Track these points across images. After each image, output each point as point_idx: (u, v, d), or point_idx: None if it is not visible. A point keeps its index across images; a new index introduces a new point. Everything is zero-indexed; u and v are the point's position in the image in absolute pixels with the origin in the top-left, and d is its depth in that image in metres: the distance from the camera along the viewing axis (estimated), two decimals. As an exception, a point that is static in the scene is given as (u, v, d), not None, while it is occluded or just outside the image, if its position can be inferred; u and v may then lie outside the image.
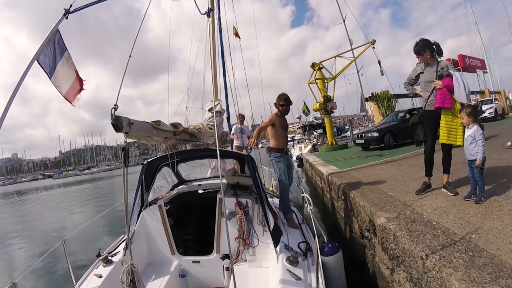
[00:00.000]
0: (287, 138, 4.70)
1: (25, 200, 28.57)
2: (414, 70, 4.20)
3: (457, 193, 3.81)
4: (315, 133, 25.57)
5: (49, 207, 19.56)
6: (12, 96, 2.65)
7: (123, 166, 2.30)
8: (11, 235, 11.26)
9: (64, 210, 16.90)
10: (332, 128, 15.70)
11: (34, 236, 10.76)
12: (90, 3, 3.49)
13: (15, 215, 17.77)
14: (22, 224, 13.75)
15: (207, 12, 7.06)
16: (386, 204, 3.87)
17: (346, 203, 4.99)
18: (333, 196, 6.40)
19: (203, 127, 4.49)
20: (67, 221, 13.17)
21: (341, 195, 5.38)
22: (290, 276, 2.75)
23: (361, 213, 4.11)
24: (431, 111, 3.95)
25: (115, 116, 2.29)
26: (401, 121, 11.79)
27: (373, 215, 3.65)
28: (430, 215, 3.29)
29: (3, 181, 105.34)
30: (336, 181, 6.02)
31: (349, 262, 3.98)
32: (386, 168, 6.60)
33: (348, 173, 6.79)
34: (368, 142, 11.40)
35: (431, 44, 3.98)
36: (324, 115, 15.45)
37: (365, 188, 4.90)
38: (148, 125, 2.98)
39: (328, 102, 14.83)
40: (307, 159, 13.13)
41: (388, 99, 19.35)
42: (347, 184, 5.37)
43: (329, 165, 8.89)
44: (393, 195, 4.25)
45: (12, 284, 2.63)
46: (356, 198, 4.42)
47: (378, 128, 11.50)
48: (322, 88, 15.11)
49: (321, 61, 15.52)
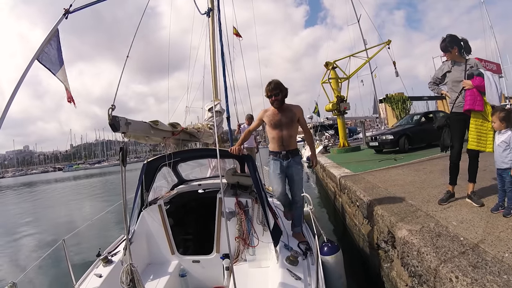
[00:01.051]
0: (290, 137, 3.63)
1: (34, 192, 29.04)
2: (441, 69, 3.86)
3: (483, 204, 3.50)
4: (326, 133, 25.16)
5: (58, 200, 19.69)
6: (12, 95, 2.60)
7: (121, 166, 2.28)
8: (17, 229, 11.21)
9: (74, 204, 17.02)
10: (344, 129, 15.27)
11: (40, 230, 10.70)
12: (90, 3, 3.49)
13: (23, 208, 17.95)
14: (28, 217, 13.77)
15: (207, 12, 7.12)
16: (407, 214, 3.56)
17: (361, 210, 4.69)
18: (346, 201, 6.09)
19: (202, 127, 4.43)
20: (75, 215, 13.18)
21: (356, 201, 5.07)
22: (290, 276, 2.74)
23: (379, 223, 3.80)
24: (459, 114, 3.62)
25: (112, 116, 2.28)
26: (417, 124, 11.41)
27: (393, 226, 3.35)
28: (456, 229, 2.98)
29: (14, 172, 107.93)
30: (350, 185, 5.71)
31: (349, 262, 3.99)
32: (402, 173, 6.26)
33: (362, 177, 6.46)
34: (382, 145, 11.02)
35: (459, 40, 3.65)
36: (336, 115, 15.04)
37: (382, 194, 4.58)
38: (146, 125, 3.00)
39: (341, 103, 14.42)
40: (318, 160, 12.76)
41: (403, 101, 18.85)
42: (362, 190, 5.05)
43: (341, 167, 8.57)
44: (414, 204, 3.93)
45: (12, 284, 2.59)
46: (374, 206, 4.10)
47: (393, 131, 11.12)
48: (336, 88, 14.71)
49: (335, 60, 15.13)
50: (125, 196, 2.30)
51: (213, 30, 7.25)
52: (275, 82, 3.55)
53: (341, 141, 15.08)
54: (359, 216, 4.83)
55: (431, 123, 11.31)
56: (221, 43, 7.13)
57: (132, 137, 2.92)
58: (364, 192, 4.83)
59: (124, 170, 2.28)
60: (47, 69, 2.95)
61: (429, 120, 11.62)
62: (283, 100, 3.56)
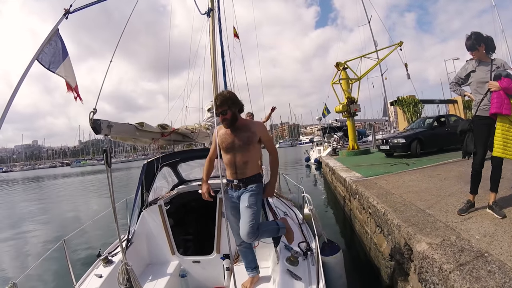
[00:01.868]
0: (245, 164, 2.83)
1: (39, 187, 29.36)
2: (464, 68, 3.60)
3: (505, 216, 3.26)
4: (335, 136, 24.83)
5: (62, 196, 19.77)
6: (13, 95, 2.60)
7: (106, 167, 2.33)
8: (19, 226, 11.19)
9: (78, 200, 17.05)
10: (354, 131, 14.99)
11: (43, 228, 10.69)
12: (90, 3, 3.49)
13: (30, 202, 17.98)
14: (31, 214, 13.73)
15: (207, 12, 7.04)
16: (426, 225, 3.30)
17: (374, 218, 4.45)
18: (356, 206, 5.85)
19: (197, 128, 4.38)
20: (78, 212, 13.15)
21: (368, 208, 4.83)
22: (290, 276, 2.74)
23: (394, 233, 3.56)
24: (484, 118, 3.36)
25: (94, 119, 2.32)
26: (429, 128, 11.08)
27: (411, 238, 3.10)
28: (480, 243, 2.74)
29: (22, 166, 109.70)
30: (362, 191, 5.46)
31: (349, 262, 4.00)
32: (416, 179, 5.99)
33: (374, 182, 6.19)
34: (394, 148, 10.71)
35: (484, 38, 3.40)
36: (346, 117, 14.77)
37: (397, 202, 4.32)
38: (131, 127, 3.02)
39: (351, 104, 14.15)
40: (327, 163, 12.52)
41: (414, 104, 18.44)
42: (375, 196, 4.78)
43: (351, 171, 8.31)
44: (432, 213, 3.67)
45: (12, 284, 2.58)
46: (389, 215, 3.85)
47: (405, 134, 10.80)
48: (346, 89, 14.43)
49: (346, 61, 14.85)
50: (113, 197, 2.33)
51: (213, 30, 7.17)
52: (222, 97, 2.75)
53: (351, 144, 14.80)
54: (371, 224, 4.59)
55: (443, 127, 11.06)
56: (221, 43, 7.27)
57: (118, 139, 3.00)
58: (378, 199, 4.57)
59: (110, 170, 2.32)
60: (46, 68, 2.95)
61: (442, 124, 11.31)
62: (234, 118, 2.78)
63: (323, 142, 23.38)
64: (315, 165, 21.48)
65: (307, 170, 21.17)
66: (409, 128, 12.47)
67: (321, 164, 18.73)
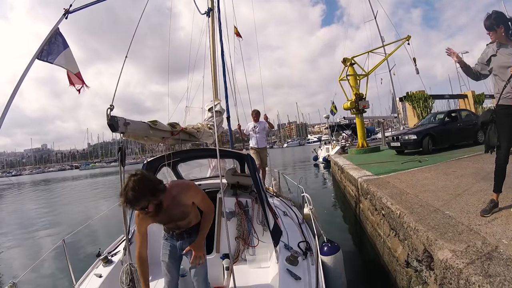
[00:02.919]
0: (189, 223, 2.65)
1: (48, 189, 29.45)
2: (485, 53, 3.22)
3: (534, 217, 2.93)
4: (343, 133, 24.43)
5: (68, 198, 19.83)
6: (13, 95, 2.66)
7: (120, 166, 2.32)
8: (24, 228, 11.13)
9: (86, 202, 16.93)
10: (363, 128, 14.59)
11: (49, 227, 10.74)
12: (90, 3, 3.56)
13: (36, 204, 17.96)
14: (39, 214, 13.78)
15: (207, 12, 7.15)
16: (447, 229, 2.98)
17: (388, 220, 4.14)
18: (368, 207, 5.53)
19: (202, 127, 4.37)
20: (84, 213, 12.99)
21: (381, 209, 4.51)
22: (290, 276, 2.72)
23: (412, 237, 3.24)
24: (507, 107, 3.03)
25: (111, 116, 2.30)
26: (441, 124, 10.69)
27: (432, 244, 2.79)
28: (509, 249, 2.42)
29: (31, 170, 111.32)
30: (374, 190, 5.14)
31: (349, 262, 3.96)
32: (431, 177, 5.65)
33: (386, 180, 5.87)
34: (405, 145, 10.33)
35: (506, 19, 3.06)
36: (355, 114, 14.39)
37: (414, 203, 3.99)
38: (145, 125, 2.97)
39: (360, 101, 13.75)
40: (336, 161, 12.17)
41: (424, 99, 17.98)
42: (389, 196, 4.46)
43: (362, 169, 7.97)
44: (452, 215, 3.35)
45: (12, 284, 2.59)
46: (405, 217, 3.52)
47: (416, 131, 10.42)
48: (354, 85, 14.05)
49: (353, 57, 14.47)
50: None
51: (213, 30, 7.27)
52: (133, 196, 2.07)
53: (360, 141, 14.42)
54: (385, 227, 4.28)
55: (455, 123, 10.69)
56: (221, 43, 7.23)
57: (131, 137, 2.90)
58: (392, 200, 4.24)
59: (123, 170, 2.29)
60: (45, 62, 3.03)
61: (453, 120, 10.92)
62: (159, 205, 2.31)
63: (331, 140, 23.04)
64: (323, 164, 21.15)
65: (316, 169, 20.86)
66: (419, 124, 12.08)
67: (329, 163, 18.40)
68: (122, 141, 2.47)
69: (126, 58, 2.79)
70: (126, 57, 2.79)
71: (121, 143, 2.42)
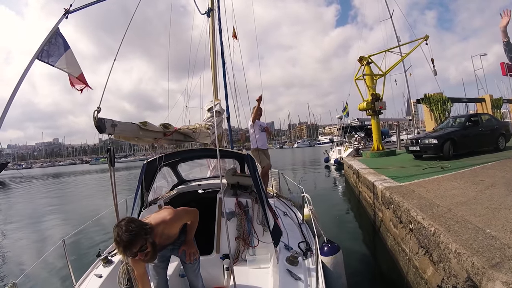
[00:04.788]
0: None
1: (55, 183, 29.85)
2: None
3: None
4: (356, 135, 23.79)
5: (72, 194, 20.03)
6: (13, 94, 2.66)
7: (109, 166, 2.34)
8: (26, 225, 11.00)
9: (90, 198, 16.91)
10: (379, 131, 13.92)
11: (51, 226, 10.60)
12: (90, 3, 3.57)
13: (41, 200, 17.92)
14: (43, 211, 13.55)
15: (207, 12, 7.18)
16: (493, 253, 2.49)
17: (417, 236, 3.67)
18: (389, 217, 5.05)
19: (198, 127, 4.37)
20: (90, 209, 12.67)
21: (408, 222, 4.02)
22: (290, 276, 2.73)
23: (450, 261, 2.76)
24: None
25: (98, 118, 2.33)
26: (462, 128, 10.08)
27: (478, 274, 2.32)
28: None
29: (42, 163, 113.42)
30: (398, 200, 4.64)
31: (349, 262, 3.93)
32: (459, 187, 5.13)
33: (411, 189, 5.33)
34: (425, 149, 9.74)
35: None
36: (371, 115, 13.78)
37: (448, 218, 3.49)
38: (134, 126, 2.99)
39: (376, 101, 13.14)
40: (351, 165, 11.60)
41: (443, 102, 17.26)
42: (418, 209, 3.95)
43: (381, 175, 7.44)
44: (495, 235, 2.87)
45: (12, 284, 2.58)
46: (441, 236, 3.03)
47: (436, 135, 9.82)
48: (371, 85, 13.41)
49: (370, 55, 13.89)
50: (115, 197, 2.37)
51: (213, 30, 7.31)
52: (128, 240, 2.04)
53: (375, 144, 13.80)
54: (412, 243, 3.81)
55: (476, 127, 10.10)
56: (221, 43, 7.28)
57: (121, 138, 2.91)
58: (422, 213, 3.73)
59: (113, 169, 2.32)
60: (46, 63, 3.03)
61: (475, 124, 10.28)
62: (154, 245, 2.25)
63: (343, 142, 22.44)
64: (335, 166, 20.61)
65: (327, 171, 20.32)
66: (439, 128, 11.48)
67: (341, 165, 17.87)
68: (110, 142, 2.57)
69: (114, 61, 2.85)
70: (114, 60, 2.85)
71: (110, 144, 2.48)
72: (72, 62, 3.21)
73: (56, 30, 3.10)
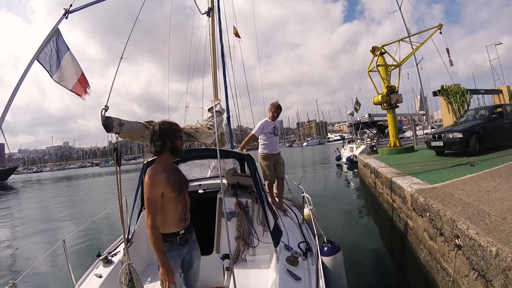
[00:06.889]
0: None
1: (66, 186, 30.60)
2: None
3: None
4: (368, 132, 22.86)
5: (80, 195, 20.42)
6: (13, 95, 2.69)
7: (116, 166, 2.33)
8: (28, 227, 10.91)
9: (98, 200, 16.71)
10: (396, 126, 12.96)
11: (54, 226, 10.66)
12: (90, 3, 3.57)
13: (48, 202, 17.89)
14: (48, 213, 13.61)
15: (207, 12, 7.19)
16: None
17: (467, 254, 2.89)
18: (423, 227, 4.23)
19: (200, 127, 4.34)
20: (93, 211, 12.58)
21: (453, 236, 3.20)
22: (290, 276, 2.71)
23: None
24: None
25: (106, 117, 2.31)
26: (487, 121, 9.15)
27: None
28: None
29: (52, 167, 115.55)
30: (438, 208, 3.78)
31: (349, 262, 3.95)
32: (501, 187, 4.30)
33: (448, 192, 4.49)
34: (449, 145, 8.86)
35: None
36: (386, 109, 12.82)
37: (507, 231, 2.70)
38: (140, 125, 2.98)
39: (392, 94, 12.24)
40: (367, 163, 10.76)
41: (461, 93, 16.22)
42: (467, 220, 3.14)
43: (405, 174, 6.62)
44: None
45: (12, 284, 2.55)
46: (508, 259, 2.27)
47: (461, 128, 8.92)
48: (385, 77, 12.48)
49: (383, 45, 12.96)
50: (120, 196, 2.36)
51: (213, 30, 7.31)
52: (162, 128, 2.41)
53: (392, 140, 12.88)
54: (459, 262, 3.02)
55: (502, 119, 9.19)
56: (221, 42, 7.33)
57: (127, 138, 2.89)
58: (475, 226, 2.92)
59: (119, 170, 2.32)
60: (45, 70, 3.03)
61: (500, 116, 9.34)
62: None
63: (355, 139, 21.56)
64: (347, 164, 19.79)
65: (338, 170, 19.53)
66: (462, 121, 10.56)
67: (354, 163, 17.04)
68: (117, 141, 2.49)
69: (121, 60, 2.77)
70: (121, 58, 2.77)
71: (116, 143, 2.42)
72: (70, 65, 3.20)
73: (56, 31, 3.10)
